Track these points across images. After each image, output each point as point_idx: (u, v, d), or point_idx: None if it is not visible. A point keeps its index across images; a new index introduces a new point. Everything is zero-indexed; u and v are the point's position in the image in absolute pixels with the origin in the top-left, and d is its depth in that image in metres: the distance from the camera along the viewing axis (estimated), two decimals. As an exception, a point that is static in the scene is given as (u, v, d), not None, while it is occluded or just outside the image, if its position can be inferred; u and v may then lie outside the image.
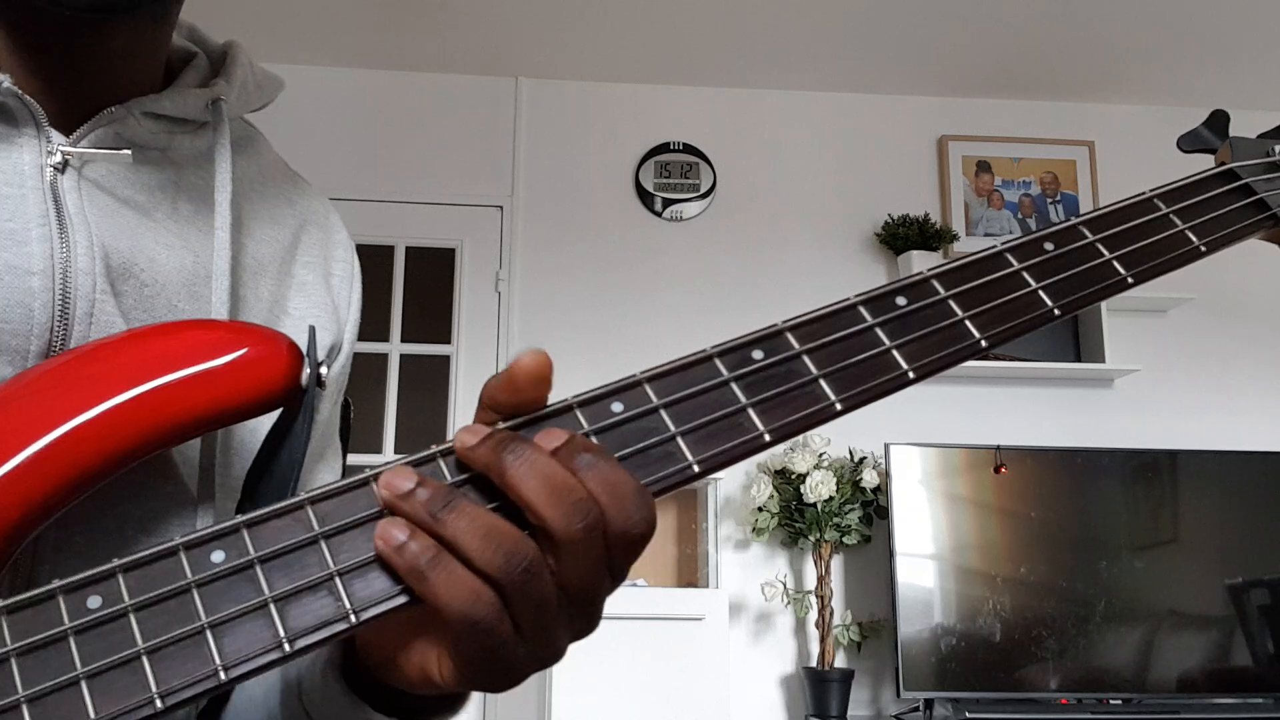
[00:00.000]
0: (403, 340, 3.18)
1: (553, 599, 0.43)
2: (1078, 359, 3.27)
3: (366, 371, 3.09)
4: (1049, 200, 3.41)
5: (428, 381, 3.18)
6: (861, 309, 0.51)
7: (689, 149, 3.33)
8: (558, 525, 0.42)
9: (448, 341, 3.18)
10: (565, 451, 0.43)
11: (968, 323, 0.52)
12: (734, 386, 0.48)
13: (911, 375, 0.50)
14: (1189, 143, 0.66)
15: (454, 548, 0.42)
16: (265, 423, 0.56)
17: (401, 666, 0.47)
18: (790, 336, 0.50)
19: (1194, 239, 0.57)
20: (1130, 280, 0.55)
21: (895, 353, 0.50)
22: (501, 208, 3.25)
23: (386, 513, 0.44)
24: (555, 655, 0.45)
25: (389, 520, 0.43)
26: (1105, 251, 0.55)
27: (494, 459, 0.43)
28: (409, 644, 0.47)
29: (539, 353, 0.46)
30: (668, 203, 3.29)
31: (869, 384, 0.49)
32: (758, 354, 0.49)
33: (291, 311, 0.66)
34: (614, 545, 0.44)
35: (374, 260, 3.05)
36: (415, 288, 3.23)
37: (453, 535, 0.42)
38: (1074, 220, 0.56)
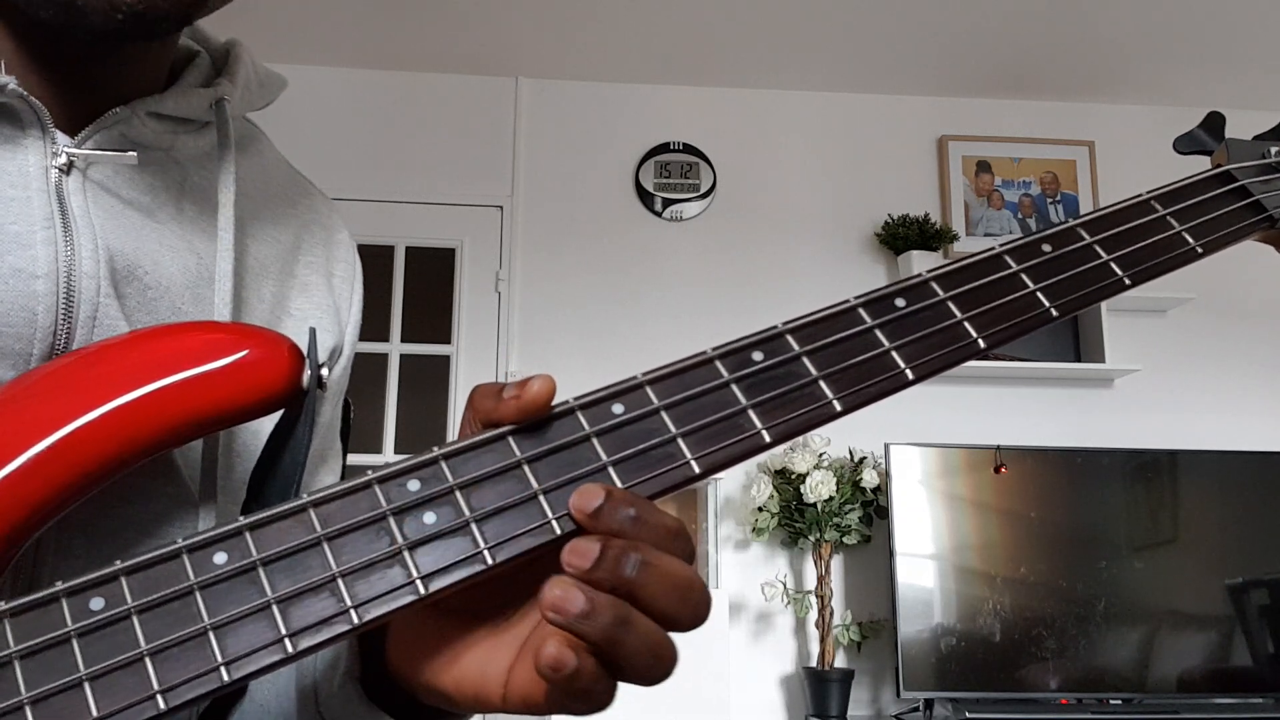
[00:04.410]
0: (403, 340, 3.19)
1: None
2: (1078, 359, 3.27)
3: (366, 371, 3.09)
4: (1049, 200, 3.41)
5: (428, 381, 3.18)
6: (861, 310, 0.51)
7: (689, 149, 3.34)
8: (687, 623, 0.44)
9: (448, 341, 3.18)
10: (608, 509, 0.44)
11: (966, 324, 0.52)
12: (734, 388, 0.48)
13: (911, 376, 0.50)
14: (1185, 145, 0.66)
15: (638, 601, 0.43)
16: (267, 423, 0.56)
17: (448, 691, 0.47)
18: (790, 338, 0.50)
19: (1191, 240, 0.57)
20: (1128, 281, 0.55)
21: (895, 354, 0.50)
22: (501, 208, 3.25)
23: (389, 515, 0.44)
24: None
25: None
26: (1103, 253, 0.56)
27: (620, 580, 0.43)
28: (456, 664, 0.47)
29: (547, 379, 0.46)
30: (668, 203, 3.29)
31: (868, 385, 0.49)
32: (758, 355, 0.49)
33: (294, 312, 0.66)
34: None
35: (374, 260, 3.05)
36: (415, 288, 3.23)
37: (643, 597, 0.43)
38: (1072, 222, 0.56)
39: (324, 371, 0.54)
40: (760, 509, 2.92)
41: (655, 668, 0.43)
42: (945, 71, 3.33)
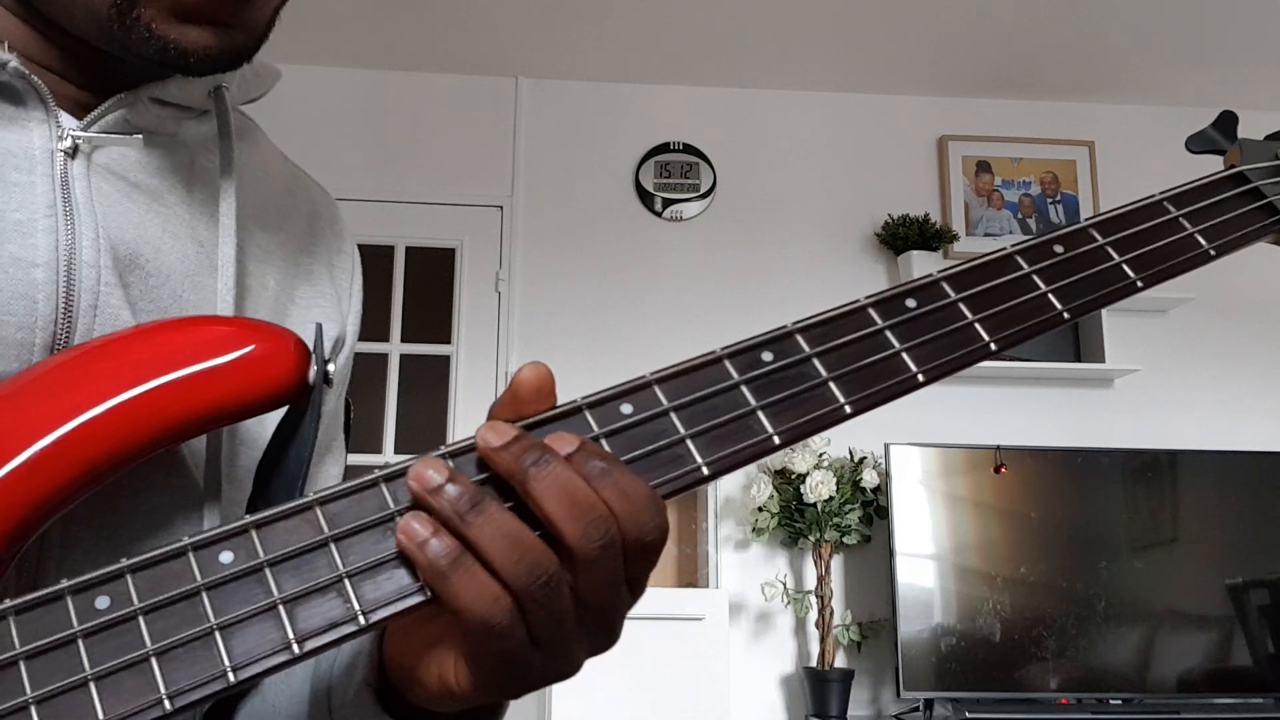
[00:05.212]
0: (403, 340, 3.18)
1: (570, 613, 0.43)
2: (1078, 359, 3.27)
3: (366, 371, 3.09)
4: (1049, 200, 3.41)
5: (428, 382, 3.17)
6: (871, 311, 0.51)
7: (689, 149, 3.33)
8: (576, 541, 0.42)
9: (448, 341, 3.17)
10: (578, 458, 0.43)
11: (978, 326, 0.52)
12: (744, 389, 0.48)
13: (921, 379, 0.50)
14: (1198, 144, 0.66)
15: (476, 551, 0.42)
16: (272, 416, 0.55)
17: (421, 679, 0.47)
18: (800, 339, 0.50)
19: (1203, 242, 0.57)
20: (1140, 284, 0.55)
21: (905, 355, 0.50)
22: (501, 208, 3.25)
23: (396, 515, 0.44)
24: (571, 668, 0.45)
25: (413, 515, 0.43)
26: (1115, 255, 0.55)
27: (517, 466, 0.43)
28: (428, 654, 0.47)
29: (539, 365, 0.46)
30: (668, 203, 3.29)
31: (879, 387, 0.49)
32: (767, 356, 0.49)
33: (298, 300, 0.66)
34: (630, 556, 0.44)
35: (374, 260, 3.03)
36: (415, 288, 3.22)
37: (476, 538, 0.42)
38: (1084, 223, 0.56)
39: (330, 367, 0.54)
40: (760, 509, 2.92)
41: (520, 562, 0.42)
42: (945, 71, 3.33)
